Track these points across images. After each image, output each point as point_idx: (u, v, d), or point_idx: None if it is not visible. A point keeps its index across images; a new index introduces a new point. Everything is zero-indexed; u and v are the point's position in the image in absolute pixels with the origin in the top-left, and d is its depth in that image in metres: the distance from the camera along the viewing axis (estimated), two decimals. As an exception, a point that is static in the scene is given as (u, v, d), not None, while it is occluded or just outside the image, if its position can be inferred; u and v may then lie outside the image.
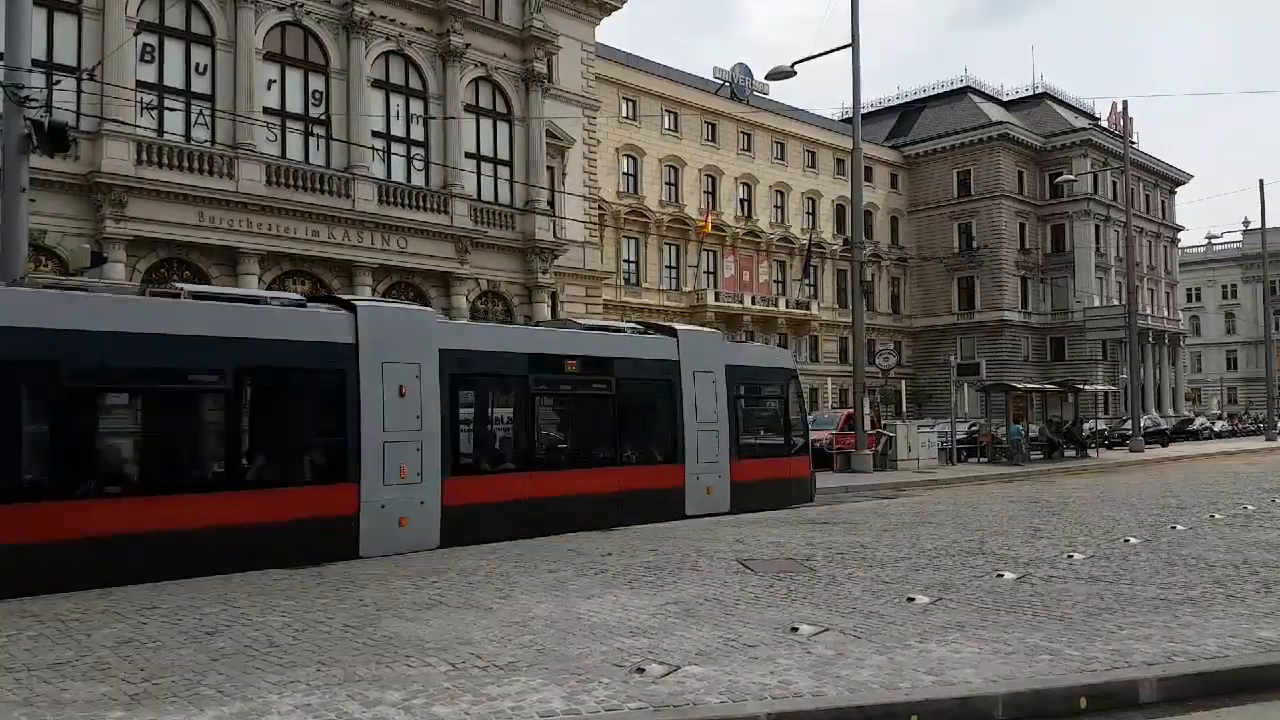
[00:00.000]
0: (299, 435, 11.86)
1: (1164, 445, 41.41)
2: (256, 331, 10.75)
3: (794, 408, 17.59)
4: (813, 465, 18.20)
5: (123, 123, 21.56)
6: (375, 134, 27.09)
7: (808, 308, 55.62)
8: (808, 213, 58.36)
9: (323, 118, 26.34)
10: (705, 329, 19.86)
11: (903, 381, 40.70)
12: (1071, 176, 48.61)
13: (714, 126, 53.01)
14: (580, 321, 17.15)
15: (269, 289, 22.74)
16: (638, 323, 17.11)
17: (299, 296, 12.20)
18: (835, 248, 57.02)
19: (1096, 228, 65.85)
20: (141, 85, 23.10)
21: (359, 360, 11.33)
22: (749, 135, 55.05)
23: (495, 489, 12.79)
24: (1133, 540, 11.59)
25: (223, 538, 10.04)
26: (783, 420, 17.44)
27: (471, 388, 13.20)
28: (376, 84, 27.38)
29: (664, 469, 14.95)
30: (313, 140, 26.16)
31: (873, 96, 71.17)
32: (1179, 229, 77.61)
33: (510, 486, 12.90)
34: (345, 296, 12.44)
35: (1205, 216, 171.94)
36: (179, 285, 11.95)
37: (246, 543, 10.15)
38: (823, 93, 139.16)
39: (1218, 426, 57.16)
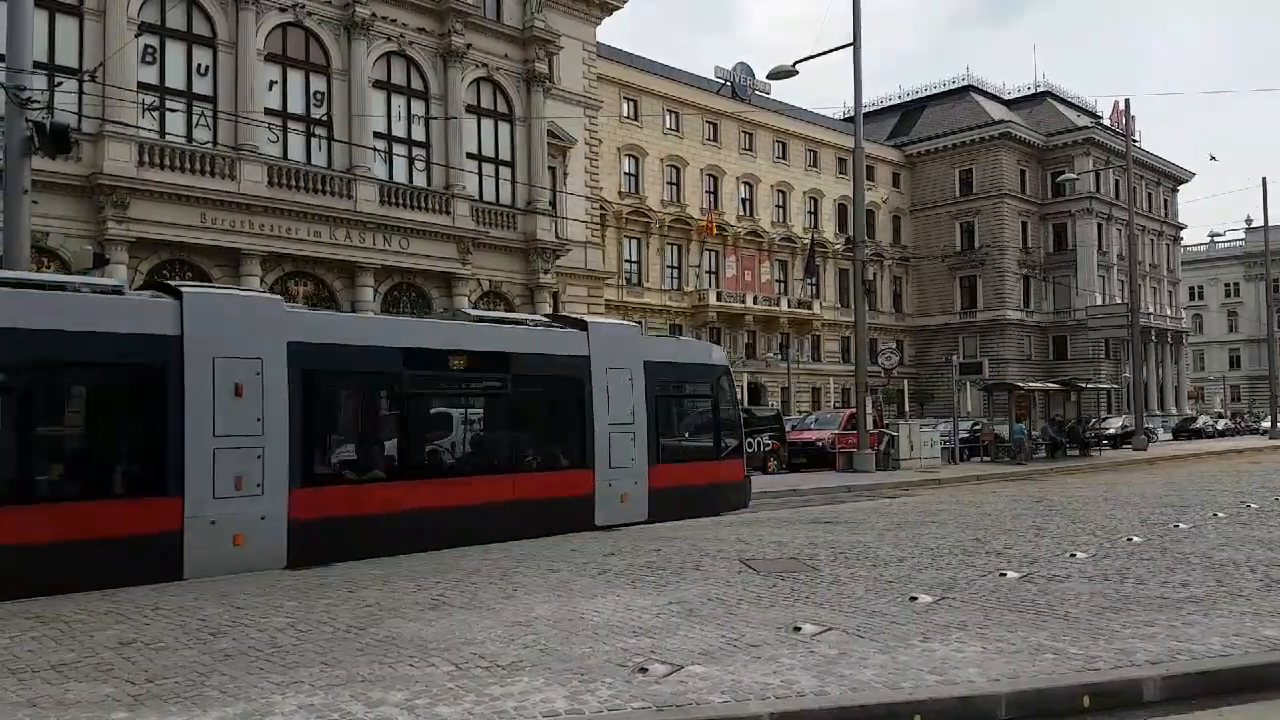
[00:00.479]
0: (108, 441, 10.36)
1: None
2: (56, 323, 9.41)
3: (725, 407, 16.27)
4: (747, 469, 17.04)
5: (124, 124, 21.60)
6: (377, 135, 27.13)
7: (810, 307, 55.66)
8: (810, 212, 58.39)
9: (324, 119, 26.37)
10: (622, 321, 18.52)
11: (905, 381, 40.77)
12: (1073, 175, 48.58)
13: (715, 126, 53.03)
14: (472, 313, 15.97)
15: (271, 290, 22.75)
16: (546, 315, 16.08)
17: (116, 283, 10.93)
18: (837, 247, 57.04)
19: (1099, 226, 65.81)
20: (143, 87, 23.15)
21: (184, 354, 10.01)
22: (750, 135, 55.06)
23: (361, 501, 11.53)
24: (1136, 539, 11.57)
25: (11, 558, 8.80)
26: (712, 421, 16.14)
27: (331, 386, 11.93)
28: (378, 85, 27.41)
29: (570, 475, 13.68)
30: (314, 141, 26.19)
31: (874, 96, 71.19)
32: (1181, 227, 77.62)
33: (380, 497, 11.64)
34: (175, 283, 11.36)
35: (1207, 215, 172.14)
36: None
37: (41, 563, 8.96)
38: (824, 92, 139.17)
39: (1220, 425, 57.23)
